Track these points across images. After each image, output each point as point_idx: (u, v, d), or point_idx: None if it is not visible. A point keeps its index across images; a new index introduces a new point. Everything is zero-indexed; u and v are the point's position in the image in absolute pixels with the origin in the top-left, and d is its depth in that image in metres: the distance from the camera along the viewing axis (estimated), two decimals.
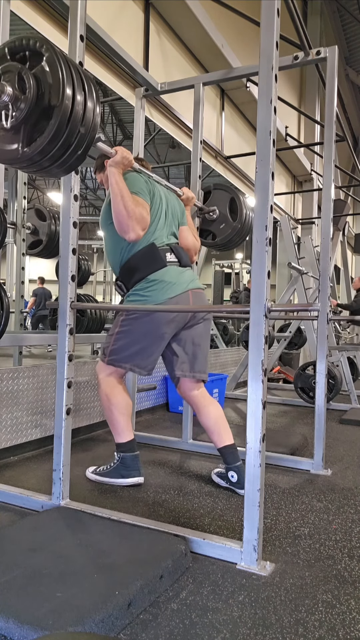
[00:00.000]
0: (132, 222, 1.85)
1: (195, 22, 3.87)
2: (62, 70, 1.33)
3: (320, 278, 2.44)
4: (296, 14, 2.49)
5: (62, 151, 1.37)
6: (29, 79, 1.33)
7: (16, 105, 1.34)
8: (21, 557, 1.31)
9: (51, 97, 1.33)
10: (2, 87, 1.32)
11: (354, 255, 11.26)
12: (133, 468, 2.05)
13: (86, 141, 1.40)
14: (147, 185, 2.01)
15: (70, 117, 1.33)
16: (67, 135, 1.34)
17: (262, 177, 1.39)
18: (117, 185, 1.86)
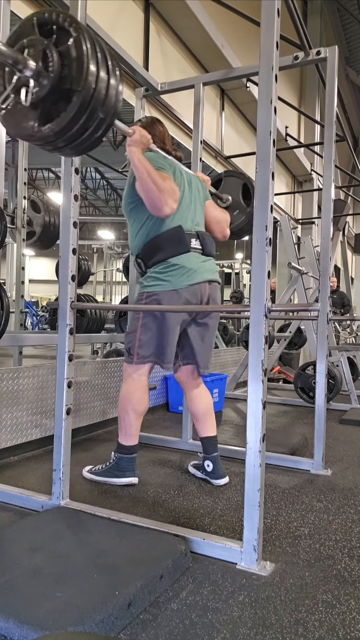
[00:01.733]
0: (164, 196, 1.82)
1: (195, 22, 3.87)
2: (88, 53, 1.29)
3: (320, 278, 2.44)
4: (296, 14, 2.49)
5: (79, 134, 1.34)
6: (53, 56, 1.30)
7: (38, 81, 1.31)
8: (21, 557, 1.31)
9: (74, 79, 1.29)
10: (25, 61, 1.29)
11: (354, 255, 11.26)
12: (128, 469, 2.05)
13: (104, 125, 1.37)
14: (167, 161, 2.00)
15: (91, 102, 1.30)
16: (86, 119, 1.32)
17: (262, 177, 1.39)
18: (141, 163, 1.83)
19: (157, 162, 1.92)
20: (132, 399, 2.01)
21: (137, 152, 1.85)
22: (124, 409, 2.02)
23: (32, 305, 10.85)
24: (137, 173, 1.84)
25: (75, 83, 1.29)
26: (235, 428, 3.23)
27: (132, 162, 1.85)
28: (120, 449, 2.06)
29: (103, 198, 16.95)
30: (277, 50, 1.40)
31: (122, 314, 3.26)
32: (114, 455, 2.08)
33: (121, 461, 2.05)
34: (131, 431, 2.03)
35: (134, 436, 2.05)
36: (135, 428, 2.04)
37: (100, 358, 5.70)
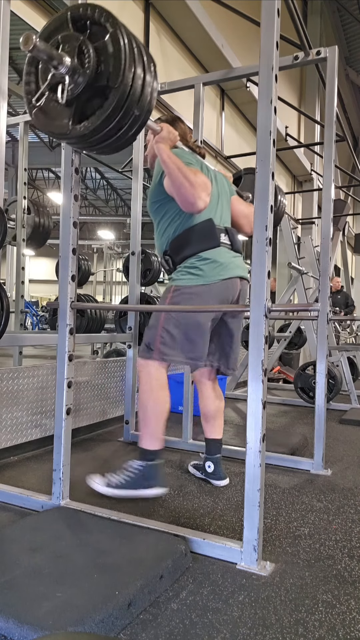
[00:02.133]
0: (197, 190, 1.75)
1: (195, 22, 3.88)
2: (125, 49, 1.26)
3: (320, 278, 2.44)
4: (296, 14, 2.49)
5: (113, 132, 1.32)
6: (89, 52, 1.27)
7: (73, 78, 1.28)
8: (21, 557, 1.31)
9: (111, 76, 1.26)
10: (61, 58, 1.26)
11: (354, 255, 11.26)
12: (153, 478, 1.85)
13: (139, 123, 1.35)
14: (194, 157, 1.96)
15: (128, 99, 1.27)
16: (122, 117, 1.29)
17: (262, 177, 1.39)
18: (171, 159, 1.78)
19: (185, 158, 1.87)
20: (154, 398, 1.87)
21: (165, 148, 1.81)
22: (147, 409, 1.87)
23: (32, 305, 10.85)
24: (168, 169, 1.78)
25: (113, 80, 1.26)
26: (235, 428, 3.23)
27: (161, 159, 1.80)
28: (144, 455, 1.87)
29: (103, 198, 16.96)
30: (277, 50, 1.40)
31: (122, 314, 3.26)
32: (138, 463, 1.87)
33: (148, 469, 1.85)
34: (157, 433, 1.88)
35: (159, 440, 1.88)
36: (160, 430, 1.88)
37: (100, 358, 5.70)
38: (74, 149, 1.70)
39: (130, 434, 2.81)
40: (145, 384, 1.88)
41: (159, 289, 5.84)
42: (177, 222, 1.92)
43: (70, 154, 1.71)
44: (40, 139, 10.86)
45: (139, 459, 1.87)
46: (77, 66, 1.27)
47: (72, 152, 1.71)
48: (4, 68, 1.87)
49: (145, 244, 3.25)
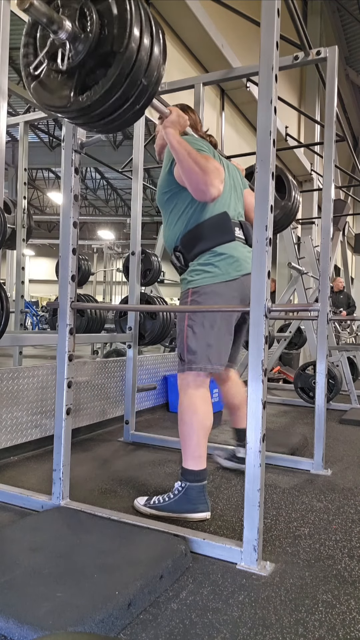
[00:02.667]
0: (210, 177, 1.65)
1: (195, 22, 3.88)
2: (131, 12, 1.16)
3: (320, 278, 2.44)
4: (296, 14, 2.49)
5: (118, 104, 1.23)
6: (91, 16, 1.17)
7: (74, 44, 1.19)
8: (21, 557, 1.31)
9: (115, 40, 1.17)
10: (61, 22, 1.16)
11: (354, 255, 11.26)
12: (200, 501, 1.70)
13: (147, 95, 1.25)
14: (206, 143, 1.84)
15: (134, 67, 1.18)
16: (127, 86, 1.20)
17: (262, 177, 1.39)
18: (181, 145, 1.67)
19: (196, 144, 1.76)
20: (197, 413, 1.73)
21: (174, 133, 1.70)
22: (189, 426, 1.72)
23: (32, 305, 10.86)
24: (177, 155, 1.68)
25: (117, 44, 1.16)
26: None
27: (170, 144, 1.69)
28: (188, 475, 1.72)
29: (103, 198, 16.96)
30: (277, 50, 1.40)
31: (122, 314, 3.26)
32: (181, 484, 1.73)
33: (192, 491, 1.70)
34: (199, 452, 1.72)
35: (202, 458, 1.73)
36: (203, 448, 1.73)
37: (100, 358, 5.70)
38: (74, 149, 1.70)
39: (130, 434, 2.81)
40: (184, 397, 1.77)
41: (159, 289, 5.84)
42: (188, 215, 1.82)
43: (70, 154, 1.71)
44: (40, 139, 10.86)
45: (181, 479, 1.74)
46: (79, 30, 1.17)
47: (72, 152, 1.71)
48: (4, 68, 1.88)
49: (145, 244, 3.25)
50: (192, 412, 1.73)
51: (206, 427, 1.74)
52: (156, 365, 3.65)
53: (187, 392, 1.77)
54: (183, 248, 1.85)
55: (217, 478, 2.21)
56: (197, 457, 1.72)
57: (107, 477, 2.18)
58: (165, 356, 3.85)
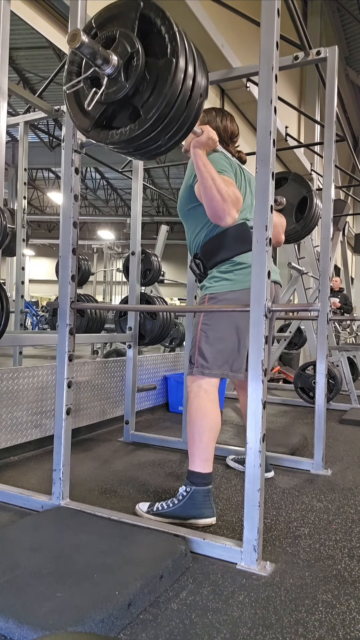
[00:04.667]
0: (228, 206, 1.67)
1: (195, 22, 3.87)
2: (180, 88, 1.19)
3: (320, 278, 2.44)
4: (296, 14, 2.49)
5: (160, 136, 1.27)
6: (138, 66, 1.20)
7: (109, 87, 1.23)
8: (21, 557, 1.31)
9: (149, 103, 1.21)
10: (108, 57, 1.19)
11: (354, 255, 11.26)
12: (205, 506, 1.68)
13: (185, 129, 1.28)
14: (228, 161, 1.84)
15: (176, 103, 1.21)
16: (168, 122, 1.23)
17: (262, 177, 1.39)
18: (206, 168, 1.69)
19: (220, 164, 1.77)
20: (207, 416, 1.73)
21: (202, 155, 1.72)
22: (199, 428, 1.72)
23: (32, 305, 10.85)
24: (201, 177, 1.71)
25: (146, 109, 1.21)
26: (236, 428, 3.23)
27: (196, 165, 1.72)
28: (195, 479, 1.70)
29: (103, 198, 16.96)
30: (277, 50, 1.40)
31: (122, 314, 3.26)
32: (186, 488, 1.70)
33: (197, 495, 1.68)
34: (207, 455, 1.72)
35: (210, 462, 1.72)
36: (211, 451, 1.73)
37: (100, 358, 5.70)
38: (74, 149, 1.70)
39: (130, 434, 2.81)
40: (194, 400, 1.77)
41: (159, 289, 5.84)
42: (210, 225, 1.85)
43: (70, 154, 1.71)
44: (40, 139, 10.86)
45: (186, 483, 1.72)
46: (120, 76, 1.21)
47: (72, 152, 1.71)
48: (4, 68, 1.88)
49: (145, 244, 3.25)
50: (202, 415, 1.73)
51: (215, 430, 1.75)
52: (156, 365, 3.66)
53: (198, 395, 1.77)
54: (203, 256, 1.87)
55: (218, 478, 2.21)
56: (205, 460, 1.72)
57: (107, 477, 2.18)
58: (165, 356, 3.85)
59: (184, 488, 1.71)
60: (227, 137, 1.99)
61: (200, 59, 1.27)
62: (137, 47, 1.21)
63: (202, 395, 1.76)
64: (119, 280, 14.08)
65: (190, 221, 1.92)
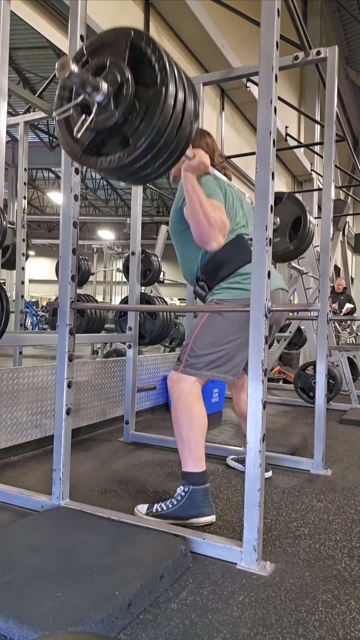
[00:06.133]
0: (214, 231, 1.68)
1: (195, 22, 3.88)
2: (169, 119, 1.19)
3: (320, 278, 2.44)
4: (296, 14, 2.49)
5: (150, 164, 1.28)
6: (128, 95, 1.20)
7: (98, 115, 1.24)
8: (21, 557, 1.31)
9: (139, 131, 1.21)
10: (97, 85, 1.20)
11: (354, 255, 11.26)
12: (204, 504, 1.68)
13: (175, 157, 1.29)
14: (217, 182, 1.84)
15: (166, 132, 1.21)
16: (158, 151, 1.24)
17: (262, 177, 1.39)
18: (195, 192, 1.71)
19: (209, 188, 1.78)
20: (193, 416, 1.72)
21: (192, 178, 1.73)
22: (187, 429, 1.72)
23: (32, 305, 10.85)
24: (189, 201, 1.72)
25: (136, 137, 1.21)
26: (235, 428, 3.23)
27: (185, 188, 1.73)
28: (190, 479, 1.70)
29: (103, 198, 16.95)
30: (277, 50, 1.40)
31: (122, 314, 3.26)
32: (184, 488, 1.70)
33: (196, 495, 1.68)
34: (199, 454, 1.72)
35: (203, 460, 1.72)
36: (202, 450, 1.73)
37: (100, 358, 5.70)
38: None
39: (130, 434, 2.81)
40: (178, 401, 1.76)
41: (159, 289, 5.84)
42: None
43: None
44: (40, 139, 10.86)
45: (184, 484, 1.72)
46: (110, 105, 1.22)
47: None
48: (4, 68, 1.88)
49: (145, 244, 3.25)
50: (188, 414, 1.73)
51: (203, 428, 1.74)
52: (156, 365, 3.66)
53: (181, 394, 1.76)
54: (206, 277, 1.86)
55: (218, 478, 2.21)
56: (198, 459, 1.72)
57: (107, 477, 2.18)
58: (165, 356, 3.85)
59: (182, 488, 1.71)
60: (211, 153, 1.99)
61: (190, 86, 1.27)
62: (127, 76, 1.22)
63: (185, 395, 1.75)
64: (119, 280, 14.08)
65: (182, 242, 1.92)
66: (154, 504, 1.74)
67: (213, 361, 1.76)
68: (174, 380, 1.79)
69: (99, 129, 1.27)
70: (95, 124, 1.26)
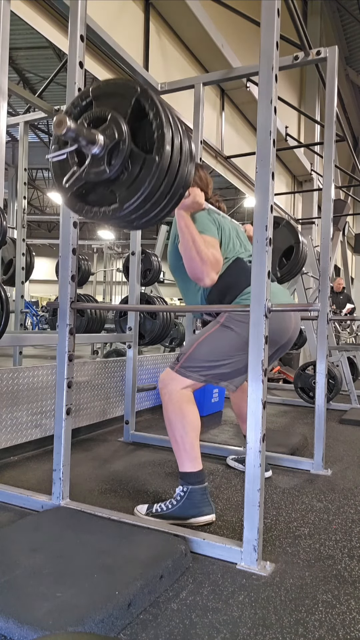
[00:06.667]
0: (207, 268, 1.72)
1: (195, 22, 3.87)
2: (161, 184, 1.20)
3: (320, 278, 2.44)
4: (296, 14, 2.49)
5: (135, 220, 1.30)
6: (124, 153, 1.21)
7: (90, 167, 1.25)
8: (21, 557, 1.31)
9: (128, 193, 1.22)
10: (93, 137, 1.21)
11: (354, 255, 11.26)
12: (204, 504, 1.69)
13: (162, 215, 1.31)
14: (210, 217, 1.87)
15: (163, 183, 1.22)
16: (144, 213, 1.26)
17: (262, 177, 1.39)
18: (188, 229, 1.74)
19: (202, 224, 1.81)
20: (185, 416, 1.73)
21: (185, 216, 1.76)
22: (180, 430, 1.73)
23: (32, 305, 10.85)
24: (182, 239, 1.76)
25: (123, 198, 1.22)
26: (236, 428, 3.23)
27: (178, 225, 1.77)
28: (188, 479, 1.71)
29: None
30: (277, 50, 1.40)
31: (122, 314, 3.26)
32: (183, 488, 1.71)
33: (195, 495, 1.69)
34: (194, 454, 1.72)
35: (199, 459, 1.73)
36: (198, 449, 1.74)
37: (100, 358, 5.70)
38: None
39: (130, 434, 2.81)
40: (169, 402, 1.76)
41: (159, 289, 5.84)
42: None
43: None
44: (40, 139, 10.86)
45: (182, 484, 1.72)
46: (104, 160, 1.23)
47: None
48: (4, 68, 1.88)
49: (145, 244, 3.25)
50: (181, 416, 1.73)
51: (196, 428, 1.75)
52: (156, 365, 3.66)
53: (172, 396, 1.76)
54: (215, 302, 1.88)
55: (217, 478, 2.21)
56: (194, 459, 1.72)
57: (107, 477, 2.18)
58: (165, 356, 3.85)
59: (181, 488, 1.71)
60: (205, 187, 2.00)
61: (187, 153, 1.27)
62: (124, 136, 1.22)
63: (176, 397, 1.75)
64: (119, 280, 14.08)
65: (183, 275, 1.92)
66: (153, 504, 1.74)
67: (211, 369, 1.76)
68: (165, 383, 1.79)
69: (89, 180, 1.28)
70: (86, 175, 1.27)
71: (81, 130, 1.21)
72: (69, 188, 1.31)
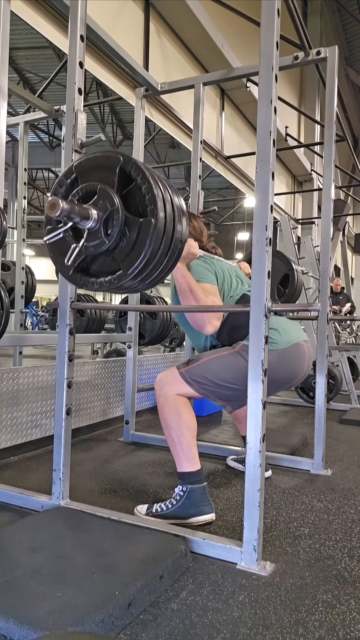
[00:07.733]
0: (208, 316, 1.74)
1: (195, 22, 3.87)
2: (158, 248, 1.23)
3: (320, 278, 2.44)
4: (296, 14, 2.49)
5: (140, 284, 1.33)
6: (116, 225, 1.24)
7: (88, 243, 1.28)
8: (21, 557, 1.31)
9: (127, 261, 1.24)
10: (87, 213, 1.24)
11: (354, 255, 11.26)
12: (203, 503, 1.70)
13: (164, 274, 1.35)
14: (206, 264, 1.89)
15: (162, 242, 1.24)
16: (147, 274, 1.29)
17: (262, 177, 1.39)
18: (185, 280, 1.77)
19: (199, 272, 1.83)
20: (181, 417, 1.75)
21: (181, 267, 1.78)
22: (177, 431, 1.74)
23: (32, 305, 10.84)
24: (180, 289, 1.78)
25: (127, 264, 1.25)
26: (236, 428, 3.23)
27: (175, 277, 1.78)
28: (186, 479, 1.72)
29: None
30: (277, 50, 1.40)
31: (122, 314, 3.26)
32: (182, 488, 1.72)
33: (194, 494, 1.69)
34: (192, 454, 1.73)
35: (196, 458, 1.74)
36: (195, 449, 1.75)
37: (100, 358, 5.70)
38: (74, 149, 1.70)
39: (130, 434, 2.81)
40: (165, 403, 1.77)
41: (159, 289, 5.85)
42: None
43: (70, 154, 1.71)
44: (40, 139, 10.86)
45: (181, 484, 1.73)
46: (101, 233, 1.26)
47: (72, 152, 1.71)
48: (4, 68, 1.87)
49: None
50: (177, 417, 1.74)
51: (193, 428, 1.76)
52: (156, 365, 3.66)
53: (167, 398, 1.77)
54: (226, 342, 1.87)
55: (217, 478, 2.21)
56: (192, 459, 1.73)
57: (107, 477, 2.18)
58: (165, 356, 3.85)
59: (180, 488, 1.72)
60: (199, 235, 2.02)
61: (179, 210, 1.30)
62: (116, 205, 1.24)
63: (171, 399, 1.76)
64: None
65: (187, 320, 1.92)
66: (153, 504, 1.75)
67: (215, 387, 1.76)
68: (161, 385, 1.79)
69: (89, 253, 1.31)
70: (85, 249, 1.30)
71: (73, 208, 1.23)
72: (70, 265, 1.34)
